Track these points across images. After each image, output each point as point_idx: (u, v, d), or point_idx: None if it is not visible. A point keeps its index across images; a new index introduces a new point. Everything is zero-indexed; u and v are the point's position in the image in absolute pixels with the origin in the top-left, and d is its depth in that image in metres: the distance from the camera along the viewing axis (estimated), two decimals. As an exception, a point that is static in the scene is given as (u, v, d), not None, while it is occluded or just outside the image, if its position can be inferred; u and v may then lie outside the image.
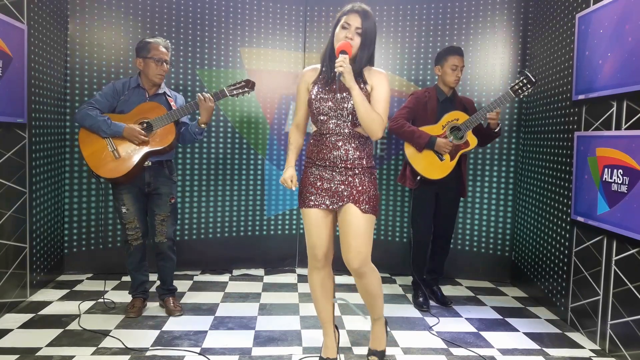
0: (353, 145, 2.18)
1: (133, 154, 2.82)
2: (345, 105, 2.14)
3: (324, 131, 2.21)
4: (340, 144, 2.18)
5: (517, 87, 2.98)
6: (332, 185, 2.20)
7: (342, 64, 2.03)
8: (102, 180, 2.85)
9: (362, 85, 2.16)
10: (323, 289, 2.33)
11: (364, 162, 2.20)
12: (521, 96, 3.01)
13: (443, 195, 3.28)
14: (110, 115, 2.83)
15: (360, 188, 2.17)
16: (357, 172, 2.18)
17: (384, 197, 4.13)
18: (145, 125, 2.85)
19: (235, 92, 2.93)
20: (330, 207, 2.21)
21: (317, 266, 2.29)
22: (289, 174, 2.24)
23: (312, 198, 2.22)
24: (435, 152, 3.14)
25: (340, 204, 2.19)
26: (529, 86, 2.95)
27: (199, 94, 2.86)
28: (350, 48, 2.10)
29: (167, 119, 2.85)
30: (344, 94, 2.14)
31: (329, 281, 2.33)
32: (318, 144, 2.23)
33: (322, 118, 2.20)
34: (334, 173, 2.19)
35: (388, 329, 2.58)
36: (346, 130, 2.18)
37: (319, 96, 2.20)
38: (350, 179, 2.18)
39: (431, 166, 3.15)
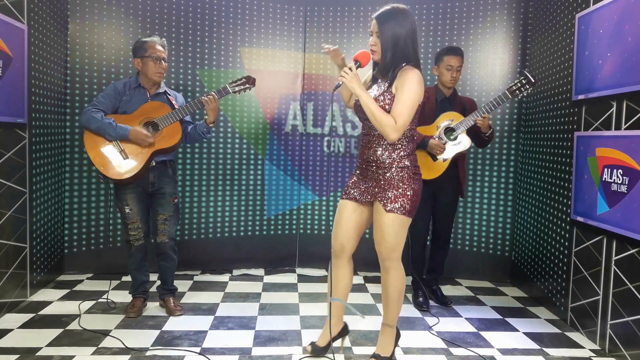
0: (382, 145, 2.26)
1: (141, 153, 2.82)
2: None
3: (363, 132, 2.36)
4: (371, 144, 2.30)
5: (514, 87, 2.97)
6: (365, 182, 2.33)
7: (344, 74, 2.14)
8: (110, 180, 2.83)
9: (387, 87, 2.22)
10: (335, 276, 2.41)
11: (396, 162, 2.25)
12: (519, 97, 3.00)
13: (441, 195, 3.29)
14: (114, 116, 2.83)
15: (387, 186, 2.24)
16: (386, 170, 2.25)
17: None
18: (151, 125, 2.86)
19: (237, 88, 2.96)
20: (360, 200, 2.34)
21: (335, 255, 2.39)
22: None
23: (348, 191, 2.38)
24: (428, 153, 3.15)
25: (368, 199, 2.32)
26: (527, 86, 2.93)
27: (203, 97, 2.89)
28: (364, 57, 2.22)
29: (172, 118, 2.87)
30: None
31: (343, 275, 2.41)
32: (361, 144, 2.38)
33: (360, 120, 2.38)
34: (367, 172, 2.32)
35: (399, 344, 2.61)
36: (376, 132, 2.25)
37: (358, 99, 2.28)
38: (380, 177, 2.27)
39: (424, 166, 3.16)
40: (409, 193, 2.23)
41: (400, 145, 2.25)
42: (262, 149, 4.13)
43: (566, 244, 3.08)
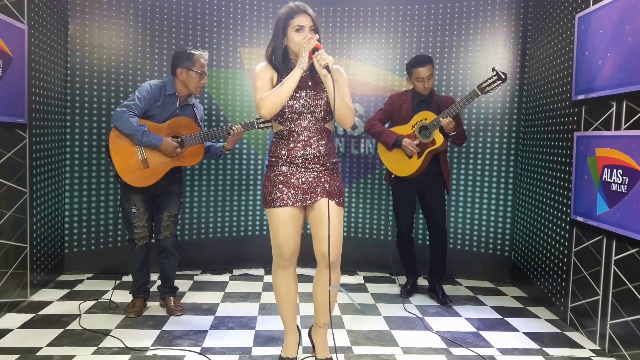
0: (323, 141, 2.24)
1: (161, 166, 2.85)
2: (319, 102, 2.19)
3: (295, 129, 2.21)
4: (312, 140, 2.21)
5: (485, 84, 3.07)
6: (303, 182, 2.21)
7: (327, 57, 2.05)
8: (120, 183, 2.83)
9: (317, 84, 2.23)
10: (287, 288, 2.35)
11: (332, 158, 2.28)
12: (490, 93, 3.11)
13: (427, 191, 3.40)
14: (146, 123, 2.81)
15: (331, 182, 2.24)
16: (327, 167, 2.25)
17: (383, 198, 4.13)
18: (177, 140, 2.88)
19: (262, 125, 3.04)
20: (301, 204, 2.22)
21: (283, 265, 2.30)
22: None
23: (282, 197, 2.20)
24: (403, 150, 3.28)
25: (312, 200, 2.21)
26: (499, 82, 3.04)
27: (233, 127, 2.95)
28: (320, 45, 2.12)
29: (198, 139, 2.91)
30: (317, 90, 2.20)
31: (293, 280, 2.36)
32: (287, 142, 2.22)
33: (293, 116, 2.19)
34: (305, 170, 2.21)
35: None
36: (317, 127, 2.22)
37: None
38: (321, 174, 2.23)
39: (399, 164, 3.33)
40: (340, 185, 2.29)
41: (333, 140, 2.32)
42: (262, 149, 4.13)
43: (566, 244, 3.08)
